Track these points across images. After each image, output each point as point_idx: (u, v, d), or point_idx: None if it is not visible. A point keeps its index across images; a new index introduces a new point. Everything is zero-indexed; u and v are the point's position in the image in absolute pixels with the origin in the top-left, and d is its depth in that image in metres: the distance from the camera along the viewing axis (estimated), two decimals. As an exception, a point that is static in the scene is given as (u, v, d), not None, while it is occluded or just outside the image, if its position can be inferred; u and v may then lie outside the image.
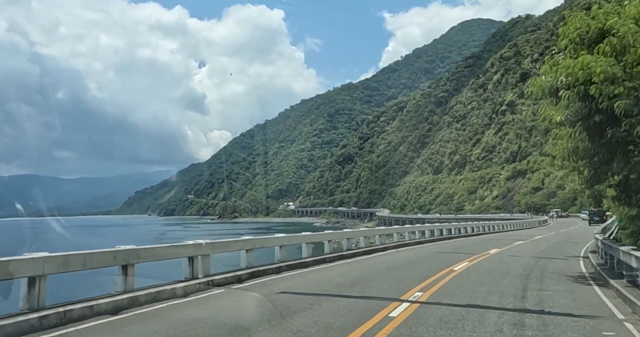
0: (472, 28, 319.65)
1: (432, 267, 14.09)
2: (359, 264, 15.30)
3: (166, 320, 7.33)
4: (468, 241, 26.52)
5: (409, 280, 11.21)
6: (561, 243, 24.98)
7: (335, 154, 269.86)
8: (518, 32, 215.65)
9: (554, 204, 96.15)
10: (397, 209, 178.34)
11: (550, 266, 15.23)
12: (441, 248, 21.42)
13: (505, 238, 29.46)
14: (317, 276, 12.28)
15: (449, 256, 17.29)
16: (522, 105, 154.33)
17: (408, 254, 18.48)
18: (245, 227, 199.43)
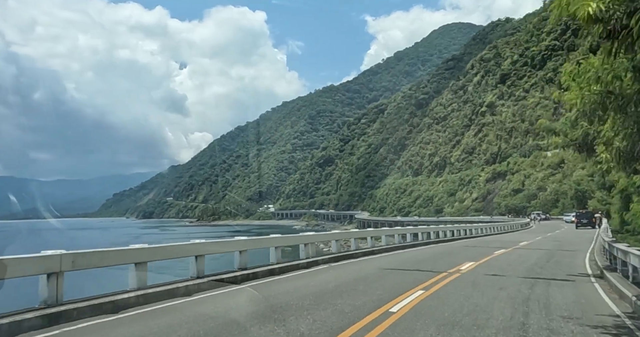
0: (453, 32, 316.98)
1: (357, 305, 7.97)
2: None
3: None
4: (437, 249, 20.58)
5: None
6: (554, 252, 19.31)
7: (315, 156, 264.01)
8: (498, 34, 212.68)
9: (535, 206, 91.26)
10: (377, 211, 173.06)
11: (555, 297, 9.38)
12: (397, 261, 15.47)
13: (484, 245, 23.62)
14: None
15: (399, 277, 11.31)
16: (502, 107, 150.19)
17: (340, 273, 12.35)
18: (223, 230, 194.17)
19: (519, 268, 13.58)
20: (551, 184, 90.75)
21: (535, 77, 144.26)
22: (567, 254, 18.83)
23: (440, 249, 20.60)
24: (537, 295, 9.49)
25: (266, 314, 7.38)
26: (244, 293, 9.55)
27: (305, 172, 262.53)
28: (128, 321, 7.28)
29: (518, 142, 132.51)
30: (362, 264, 15.08)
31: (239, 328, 6.51)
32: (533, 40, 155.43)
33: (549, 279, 11.42)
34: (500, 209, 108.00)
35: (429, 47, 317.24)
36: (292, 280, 11.30)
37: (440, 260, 15.97)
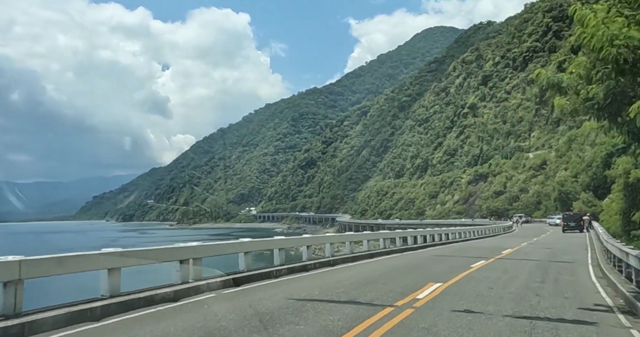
0: (435, 35, 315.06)
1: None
2: None
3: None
4: (400, 261, 15.96)
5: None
6: (548, 265, 14.84)
7: (298, 158, 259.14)
8: (480, 37, 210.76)
9: (517, 208, 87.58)
10: (358, 214, 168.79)
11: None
12: (334, 282, 10.76)
13: (460, 254, 19.09)
14: None
15: (312, 321, 6.54)
16: (484, 108, 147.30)
17: (234, 306, 7.80)
18: (203, 233, 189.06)
19: (504, 296, 8.99)
20: (533, 185, 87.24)
21: (516, 78, 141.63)
22: (565, 268, 14.35)
23: (404, 261, 16.03)
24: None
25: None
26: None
27: (287, 175, 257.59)
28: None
29: (500, 143, 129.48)
30: (292, 285, 10.45)
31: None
32: (514, 42, 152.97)
33: (554, 321, 6.89)
34: (482, 211, 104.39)
35: (411, 51, 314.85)
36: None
37: (395, 279, 11.30)
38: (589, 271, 13.90)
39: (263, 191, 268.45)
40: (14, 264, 6.98)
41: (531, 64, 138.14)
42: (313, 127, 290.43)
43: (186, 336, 6.09)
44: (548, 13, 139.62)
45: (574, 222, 38.71)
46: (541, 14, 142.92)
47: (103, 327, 6.90)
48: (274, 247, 13.99)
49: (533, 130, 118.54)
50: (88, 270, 8.27)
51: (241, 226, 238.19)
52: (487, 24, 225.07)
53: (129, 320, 7.26)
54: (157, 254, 10.01)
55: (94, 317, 7.28)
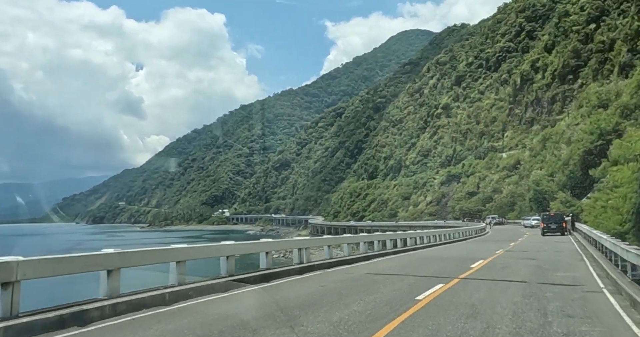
0: (410, 38, 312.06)
1: None
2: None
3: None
4: (299, 293, 9.79)
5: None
6: (540, 292, 8.94)
7: (272, 160, 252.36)
8: (454, 39, 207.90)
9: (490, 209, 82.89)
10: (331, 216, 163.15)
11: None
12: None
13: (410, 270, 13.14)
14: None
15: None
16: (457, 109, 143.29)
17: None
18: (174, 235, 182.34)
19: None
20: (507, 186, 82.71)
21: (490, 78, 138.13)
22: (572, 299, 8.46)
23: (310, 289, 9.94)
24: None
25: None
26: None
27: (261, 176, 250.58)
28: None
29: (473, 144, 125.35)
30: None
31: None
32: (488, 42, 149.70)
33: None
34: (454, 213, 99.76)
35: (387, 53, 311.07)
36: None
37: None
38: (610, 303, 8.14)
39: (236, 193, 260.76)
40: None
41: (504, 64, 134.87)
42: (288, 129, 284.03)
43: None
44: (521, 13, 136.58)
45: (555, 224, 33.37)
46: (514, 14, 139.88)
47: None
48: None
49: (506, 130, 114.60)
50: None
51: (214, 228, 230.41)
52: (461, 26, 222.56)
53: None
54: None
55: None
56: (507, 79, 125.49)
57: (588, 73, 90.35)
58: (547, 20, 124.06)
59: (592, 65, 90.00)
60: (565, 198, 49.68)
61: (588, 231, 23.30)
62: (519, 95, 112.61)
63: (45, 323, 6.49)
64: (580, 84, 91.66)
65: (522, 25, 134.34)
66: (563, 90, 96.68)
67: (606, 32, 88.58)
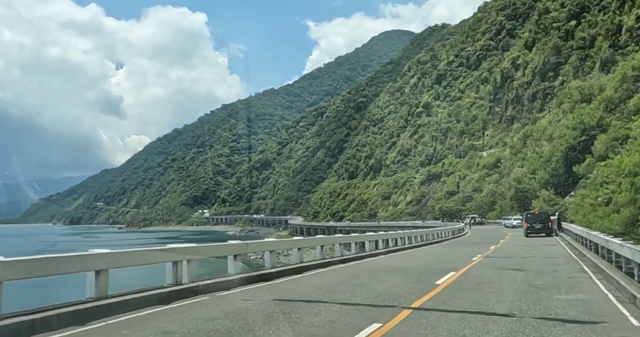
0: (392, 39, 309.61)
1: None
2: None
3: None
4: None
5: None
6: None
7: (252, 160, 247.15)
8: (435, 39, 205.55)
9: (470, 209, 79.57)
10: (310, 216, 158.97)
11: None
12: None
13: (354, 290, 9.01)
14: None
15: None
16: (438, 108, 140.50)
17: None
18: (151, 236, 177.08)
19: None
20: (487, 184, 79.50)
21: (470, 77, 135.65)
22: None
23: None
24: None
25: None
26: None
27: (241, 176, 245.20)
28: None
29: (453, 143, 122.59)
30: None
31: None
32: (468, 41, 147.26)
33: None
34: (434, 212, 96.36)
35: (369, 53, 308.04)
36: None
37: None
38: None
39: (217, 193, 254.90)
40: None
41: (485, 62, 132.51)
42: (269, 128, 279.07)
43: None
44: (501, 11, 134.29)
45: (540, 224, 29.64)
46: (494, 12, 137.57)
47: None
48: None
49: (487, 129, 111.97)
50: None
51: (193, 229, 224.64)
52: (442, 26, 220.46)
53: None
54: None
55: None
56: (488, 77, 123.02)
57: (569, 70, 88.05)
58: (528, 18, 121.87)
59: (572, 62, 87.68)
60: (549, 196, 46.29)
61: (582, 231, 19.53)
62: (500, 93, 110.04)
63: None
64: (561, 81, 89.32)
65: (502, 24, 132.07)
66: (544, 87, 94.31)
67: (587, 29, 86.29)
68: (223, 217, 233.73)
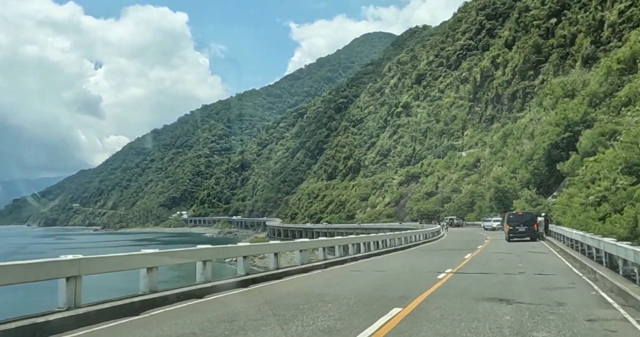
0: (374, 40, 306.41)
1: None
2: None
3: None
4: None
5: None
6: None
7: (232, 161, 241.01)
8: (415, 40, 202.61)
9: (449, 210, 75.62)
10: (288, 218, 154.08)
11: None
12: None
13: None
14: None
15: None
16: (418, 108, 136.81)
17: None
18: (126, 238, 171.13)
19: None
20: (466, 185, 75.60)
21: (450, 77, 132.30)
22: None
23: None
24: None
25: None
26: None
27: (221, 177, 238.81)
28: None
29: (433, 143, 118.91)
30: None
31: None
32: (448, 40, 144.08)
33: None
34: (412, 214, 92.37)
35: (350, 55, 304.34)
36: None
37: None
38: None
39: (195, 194, 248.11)
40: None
41: (465, 62, 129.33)
42: (250, 129, 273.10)
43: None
44: (481, 11, 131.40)
45: (524, 226, 25.27)
46: (474, 12, 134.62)
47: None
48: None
49: (466, 129, 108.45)
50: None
51: (170, 230, 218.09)
52: (423, 28, 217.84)
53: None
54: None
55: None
56: (468, 77, 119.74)
57: (549, 68, 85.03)
58: (508, 18, 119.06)
59: (553, 61, 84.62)
60: (531, 196, 42.23)
61: (583, 236, 15.08)
62: (479, 93, 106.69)
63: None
64: (541, 80, 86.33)
65: (482, 23, 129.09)
66: (524, 86, 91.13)
67: (567, 26, 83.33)
68: (201, 218, 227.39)
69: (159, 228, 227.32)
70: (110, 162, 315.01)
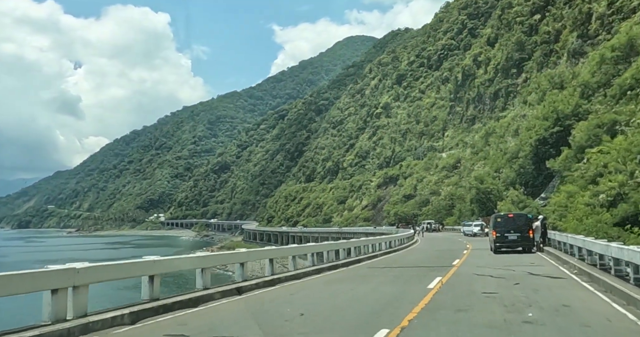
0: (356, 44, 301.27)
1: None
2: None
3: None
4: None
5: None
6: None
7: (211, 162, 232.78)
8: (397, 43, 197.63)
9: (427, 213, 69.44)
10: (265, 221, 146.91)
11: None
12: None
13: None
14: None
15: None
16: (398, 108, 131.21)
17: None
18: (99, 241, 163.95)
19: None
20: (446, 187, 69.47)
21: (431, 77, 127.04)
22: None
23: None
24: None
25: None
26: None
27: (199, 179, 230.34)
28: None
29: (412, 144, 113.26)
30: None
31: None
32: (430, 40, 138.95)
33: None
34: (390, 218, 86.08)
35: (333, 57, 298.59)
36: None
37: None
38: None
39: (173, 196, 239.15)
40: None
41: (446, 62, 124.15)
42: (230, 131, 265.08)
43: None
44: (463, 10, 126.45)
45: (516, 233, 18.83)
46: (456, 11, 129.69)
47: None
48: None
49: (447, 129, 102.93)
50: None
51: (146, 233, 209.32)
52: (405, 30, 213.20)
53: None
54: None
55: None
56: (449, 76, 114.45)
57: (532, 66, 79.94)
58: (490, 17, 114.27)
59: (536, 58, 79.50)
60: (518, 197, 36.01)
61: (623, 251, 8.51)
62: (461, 92, 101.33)
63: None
64: (524, 78, 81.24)
65: (464, 23, 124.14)
66: (506, 84, 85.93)
67: (552, 23, 78.31)
68: (179, 221, 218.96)
69: (134, 231, 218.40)
70: (87, 163, 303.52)
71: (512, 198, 36.02)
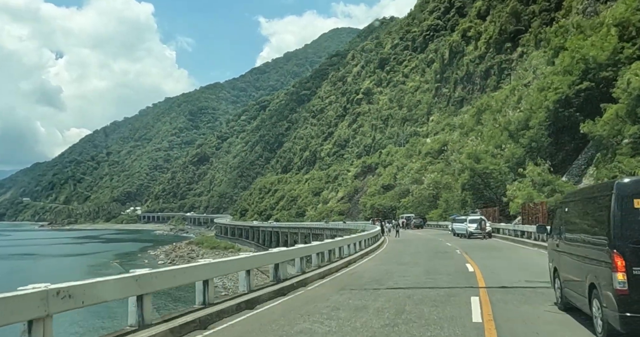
0: (342, 36, 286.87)
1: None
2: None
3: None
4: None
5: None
6: None
7: (189, 154, 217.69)
8: (382, 30, 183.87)
9: (406, 206, 56.04)
10: (238, 214, 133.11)
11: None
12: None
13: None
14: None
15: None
16: (380, 94, 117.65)
17: None
18: (66, 236, 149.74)
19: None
20: (429, 174, 55.72)
21: (415, 60, 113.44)
22: None
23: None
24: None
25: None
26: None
27: (177, 172, 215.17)
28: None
29: (395, 131, 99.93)
30: None
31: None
32: (415, 22, 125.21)
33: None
34: (366, 211, 72.69)
35: (317, 49, 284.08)
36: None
37: None
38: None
39: (151, 189, 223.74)
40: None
41: (432, 44, 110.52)
42: (212, 123, 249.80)
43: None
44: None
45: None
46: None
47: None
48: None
49: (432, 114, 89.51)
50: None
51: (121, 227, 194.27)
52: (390, 19, 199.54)
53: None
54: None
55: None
56: (434, 58, 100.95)
57: (530, 39, 66.24)
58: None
59: (534, 30, 65.80)
60: (540, 175, 22.35)
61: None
62: (447, 72, 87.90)
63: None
64: (520, 53, 67.80)
65: (451, 2, 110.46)
66: (499, 61, 72.42)
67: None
68: (155, 214, 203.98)
69: (109, 224, 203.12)
70: (66, 155, 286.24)
71: (533, 177, 22.45)
